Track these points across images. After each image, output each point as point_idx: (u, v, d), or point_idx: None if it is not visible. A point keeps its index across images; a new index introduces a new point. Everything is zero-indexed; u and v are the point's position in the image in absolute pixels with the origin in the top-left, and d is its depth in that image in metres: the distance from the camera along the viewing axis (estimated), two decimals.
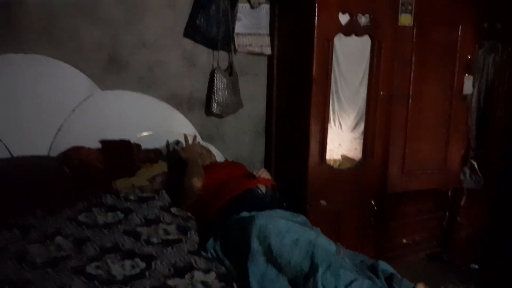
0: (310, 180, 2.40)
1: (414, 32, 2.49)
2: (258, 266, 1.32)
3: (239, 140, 2.85)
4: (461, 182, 2.78)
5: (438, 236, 2.96)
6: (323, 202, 2.46)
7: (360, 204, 2.59)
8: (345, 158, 2.70)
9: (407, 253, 2.87)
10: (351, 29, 2.34)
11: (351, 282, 1.17)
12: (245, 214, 1.62)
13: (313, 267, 1.23)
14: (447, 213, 2.88)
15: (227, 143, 2.80)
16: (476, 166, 2.71)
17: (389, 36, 2.44)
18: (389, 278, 1.34)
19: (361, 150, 2.59)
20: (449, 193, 2.85)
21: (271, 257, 1.32)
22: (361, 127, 2.64)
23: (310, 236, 1.34)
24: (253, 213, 1.59)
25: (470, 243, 2.95)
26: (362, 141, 2.61)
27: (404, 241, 2.80)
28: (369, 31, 2.39)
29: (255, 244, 1.35)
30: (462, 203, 2.81)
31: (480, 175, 2.72)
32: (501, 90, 2.82)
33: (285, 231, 1.34)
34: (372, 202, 2.61)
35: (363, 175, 2.56)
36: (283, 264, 1.29)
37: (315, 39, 2.23)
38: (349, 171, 2.56)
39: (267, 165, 2.83)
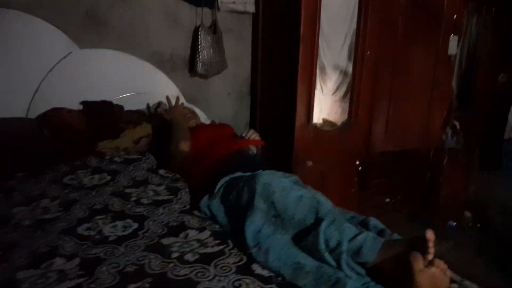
0: (297, 141, 2.41)
1: None
2: (255, 223, 1.32)
3: (224, 101, 2.80)
4: (442, 142, 2.84)
5: (418, 195, 3.06)
6: (309, 163, 2.48)
7: (344, 164, 2.63)
8: (326, 121, 2.71)
9: (389, 211, 2.96)
10: None
11: (355, 236, 1.18)
12: (239, 174, 1.60)
13: (317, 221, 1.24)
14: (428, 173, 2.96)
15: (210, 104, 2.75)
16: (458, 126, 2.77)
17: None
18: (380, 234, 1.37)
19: (341, 113, 2.60)
20: (431, 153, 2.92)
21: (273, 214, 1.32)
22: (342, 90, 2.63)
23: (313, 193, 1.34)
24: (247, 173, 1.58)
25: (449, 201, 3.06)
26: (343, 104, 2.61)
27: (387, 200, 2.88)
28: None
29: (257, 202, 1.35)
30: (444, 163, 2.89)
31: (461, 135, 2.78)
32: (483, 51, 2.85)
33: (289, 188, 1.34)
34: (357, 162, 2.65)
35: (348, 136, 2.58)
36: (286, 219, 1.29)
37: None
38: (334, 132, 2.58)
39: (252, 127, 2.80)
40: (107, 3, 2.25)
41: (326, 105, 2.71)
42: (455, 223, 3.06)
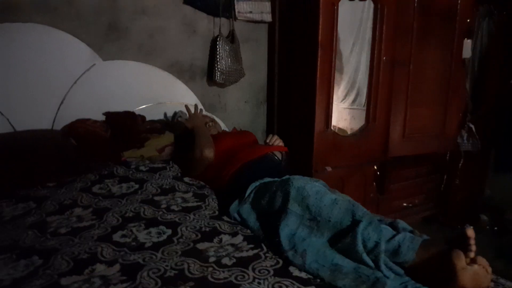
0: (316, 147, 2.43)
1: None
2: (289, 226, 1.34)
3: (241, 109, 2.83)
4: (458, 145, 2.85)
5: (435, 198, 3.07)
6: (328, 168, 2.50)
7: (363, 169, 2.65)
8: (335, 128, 2.72)
9: (406, 215, 2.97)
10: None
11: (393, 236, 1.20)
12: (268, 179, 1.62)
13: (354, 222, 1.25)
14: (445, 176, 2.97)
15: (228, 112, 2.78)
16: (473, 129, 2.78)
17: (392, 1, 2.43)
18: None
19: (350, 120, 2.63)
20: (447, 156, 2.94)
21: (308, 217, 1.34)
22: (351, 97, 2.67)
23: (345, 196, 1.36)
24: (275, 178, 1.60)
25: (465, 204, 3.06)
26: (351, 111, 2.64)
27: (405, 204, 2.89)
28: None
29: (291, 205, 1.37)
30: (460, 166, 2.90)
31: (477, 137, 2.79)
32: (495, 53, 2.88)
33: (323, 192, 1.36)
34: (375, 166, 2.66)
35: (366, 141, 2.60)
36: (322, 222, 1.30)
37: (321, 3, 2.20)
38: (353, 137, 2.60)
39: (269, 134, 2.82)
40: (128, 15, 2.30)
41: (335, 112, 2.72)
42: (471, 226, 3.05)
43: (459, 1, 2.62)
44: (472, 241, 1.08)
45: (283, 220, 1.38)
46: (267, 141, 2.02)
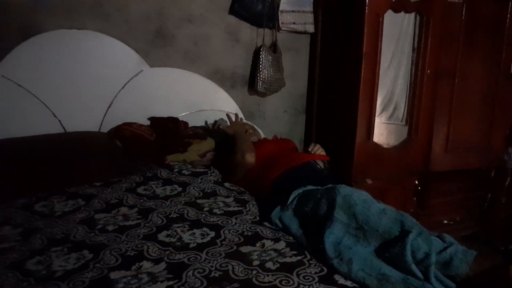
0: (356, 158, 2.40)
1: (464, 8, 2.45)
2: (335, 234, 1.33)
3: (279, 117, 2.85)
4: (505, 162, 2.75)
5: (477, 216, 2.95)
6: (368, 181, 2.46)
7: (403, 182, 2.59)
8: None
9: (446, 232, 2.85)
10: (401, 5, 2.31)
11: (444, 248, 1.16)
12: (311, 187, 1.62)
13: (403, 232, 1.23)
14: (489, 194, 2.86)
15: (267, 120, 2.80)
16: None
17: (438, 13, 2.40)
18: None
19: (387, 135, 2.58)
20: (492, 173, 2.83)
21: (354, 226, 1.32)
22: (388, 111, 2.62)
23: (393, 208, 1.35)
24: (318, 186, 1.59)
25: (510, 224, 2.93)
26: (388, 126, 2.59)
27: (445, 221, 2.79)
28: (418, 7, 2.35)
29: (337, 213, 1.36)
30: (506, 183, 2.78)
31: None
32: None
33: (370, 201, 1.35)
34: (416, 181, 2.60)
35: (407, 154, 2.55)
36: (369, 231, 1.29)
37: (366, 14, 2.20)
38: (394, 149, 2.55)
39: (307, 144, 2.82)
40: (175, 23, 2.38)
41: None
42: None
43: (508, 14, 2.54)
44: None
45: (328, 228, 1.37)
46: (309, 149, 2.01)
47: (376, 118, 2.68)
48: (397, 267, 1.21)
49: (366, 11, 2.19)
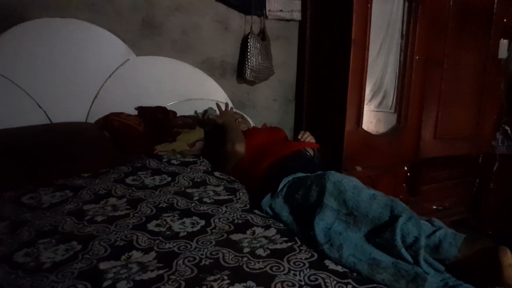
0: (346, 146, 2.40)
1: None
2: (325, 220, 1.33)
3: (269, 106, 2.83)
4: (493, 148, 2.77)
5: (466, 202, 2.99)
6: (358, 168, 2.47)
7: (393, 169, 2.60)
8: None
9: (436, 217, 2.89)
10: None
11: (433, 232, 1.17)
12: (301, 174, 1.61)
13: (393, 217, 1.23)
14: (478, 179, 2.89)
15: (257, 109, 2.79)
16: (509, 131, 2.70)
17: None
18: None
19: (376, 123, 2.59)
20: (480, 159, 2.86)
21: (345, 212, 1.32)
22: (377, 99, 2.64)
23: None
24: (309, 174, 1.59)
25: (499, 209, 2.97)
26: (378, 114, 2.60)
27: (434, 207, 2.82)
28: None
29: (327, 200, 1.35)
30: (494, 169, 2.82)
31: None
32: None
33: (361, 187, 1.35)
34: (405, 167, 2.61)
35: (397, 141, 2.56)
36: (359, 217, 1.29)
37: (354, 1, 2.18)
38: (384, 136, 2.56)
39: (297, 132, 2.81)
40: (163, 11, 2.34)
41: None
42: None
43: (495, 0, 2.55)
44: None
45: (318, 214, 1.36)
46: (299, 137, 2.00)
47: (365, 105, 2.69)
48: (387, 252, 1.21)
49: None
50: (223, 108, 2.28)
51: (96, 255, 1.24)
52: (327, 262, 1.26)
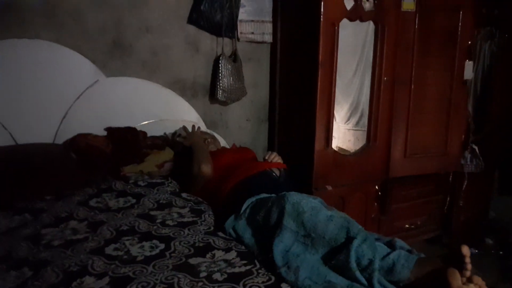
0: (316, 165, 2.42)
1: (417, 18, 2.52)
2: (284, 242, 1.33)
3: (242, 126, 2.85)
4: (462, 166, 2.82)
5: (437, 219, 3.01)
6: (328, 187, 2.48)
7: (363, 188, 2.62)
8: (340, 149, 2.71)
9: (408, 236, 2.91)
10: (356, 14, 2.35)
11: (387, 254, 1.18)
12: (264, 195, 1.61)
13: (349, 239, 1.23)
14: (448, 197, 2.93)
15: (230, 129, 2.80)
16: (477, 150, 2.76)
17: (393, 22, 2.47)
18: None
19: (355, 141, 2.63)
20: (450, 177, 2.90)
21: (303, 233, 1.32)
22: (355, 118, 2.69)
23: (342, 214, 1.35)
24: (272, 194, 1.59)
25: (469, 226, 3.01)
26: (356, 133, 2.65)
27: (407, 225, 2.84)
28: (373, 16, 2.41)
29: (286, 221, 1.35)
30: (464, 187, 2.86)
31: (480, 158, 2.76)
32: (498, 75, 2.87)
33: (319, 208, 1.35)
34: (376, 186, 2.64)
35: (367, 160, 2.59)
36: (316, 239, 1.29)
37: (322, 23, 2.24)
38: (353, 156, 2.59)
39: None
40: (132, 32, 2.35)
41: (338, 133, 2.74)
42: (476, 251, 2.99)
43: (460, 24, 2.63)
44: (468, 260, 1.06)
45: (277, 236, 1.36)
46: (266, 157, 2.01)
47: (343, 124, 2.73)
48: (343, 274, 1.21)
49: (322, 20, 2.22)
50: (190, 130, 2.28)
51: (46, 282, 1.21)
52: (283, 285, 1.26)
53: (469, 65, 2.72)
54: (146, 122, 2.43)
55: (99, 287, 1.20)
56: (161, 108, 2.48)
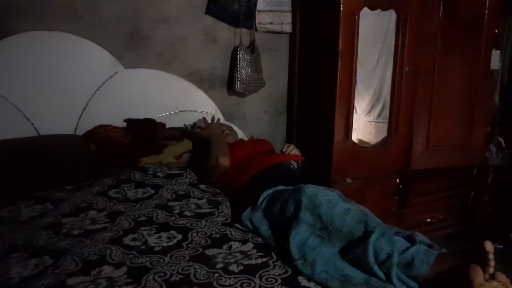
0: (335, 158, 2.38)
1: (441, 5, 2.44)
2: (300, 235, 1.31)
3: (260, 118, 2.83)
4: (486, 159, 2.74)
5: (460, 214, 2.94)
6: (348, 180, 2.44)
7: (384, 181, 2.57)
8: (360, 141, 2.67)
9: (429, 230, 2.84)
10: (377, 3, 2.29)
11: (406, 248, 1.15)
12: (281, 187, 1.60)
13: (366, 233, 1.21)
14: (472, 192, 2.84)
15: (247, 121, 2.78)
16: (503, 143, 2.66)
17: (415, 9, 2.39)
18: None
19: (376, 134, 2.57)
20: (474, 171, 2.82)
21: (320, 226, 1.31)
22: (376, 110, 2.62)
23: (360, 206, 1.33)
24: (289, 187, 1.57)
25: (493, 221, 2.92)
26: (377, 125, 2.59)
27: (428, 219, 2.78)
28: (394, 5, 2.34)
29: (303, 214, 1.34)
30: (489, 181, 2.77)
31: (506, 151, 2.67)
32: None
33: (336, 201, 1.33)
34: (397, 179, 2.59)
35: (388, 153, 2.53)
36: (333, 232, 1.27)
37: (341, 12, 2.18)
38: (374, 148, 2.53)
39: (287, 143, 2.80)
40: (150, 24, 2.35)
41: (359, 125, 2.68)
42: (501, 246, 2.90)
43: (486, 12, 2.53)
44: (491, 256, 1.02)
45: (294, 229, 1.35)
46: (283, 149, 1.99)
47: (364, 116, 2.68)
48: (360, 268, 1.19)
49: (341, 9, 2.17)
50: (209, 121, 2.28)
51: (66, 270, 1.23)
52: (300, 278, 1.25)
53: (496, 55, 2.63)
54: (164, 114, 2.44)
55: (117, 276, 1.21)
56: (179, 100, 2.48)
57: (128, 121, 2.29)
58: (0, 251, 1.32)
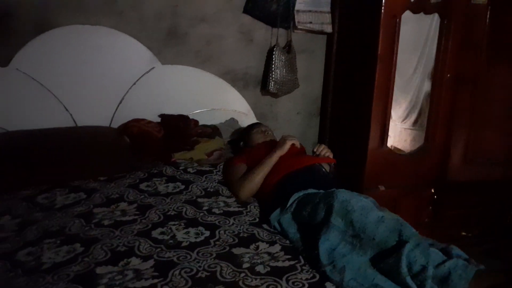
0: (369, 164, 2.32)
1: (488, 12, 2.33)
2: (330, 240, 1.28)
3: (292, 120, 2.80)
4: None
5: (497, 230, 2.80)
6: (381, 187, 2.38)
7: (418, 191, 2.49)
8: (395, 149, 2.58)
9: (463, 245, 2.72)
10: (420, 6, 2.21)
11: (443, 262, 1.09)
12: (312, 190, 1.57)
13: (400, 243, 1.16)
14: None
15: (279, 122, 2.76)
16: None
17: (460, 15, 2.29)
18: None
19: (411, 141, 2.49)
20: None
21: (351, 233, 1.27)
22: (413, 117, 2.54)
23: (394, 215, 1.28)
24: (320, 190, 1.54)
25: None
26: (413, 132, 2.50)
27: (463, 233, 2.66)
28: (439, 9, 2.26)
29: (334, 219, 1.30)
30: None
31: None
32: None
33: (369, 208, 1.29)
34: (432, 190, 2.49)
35: (423, 161, 2.45)
36: (365, 240, 1.23)
37: (382, 15, 2.13)
38: (409, 156, 2.46)
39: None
40: (188, 21, 2.37)
41: (394, 132, 2.60)
42: None
43: None
44: None
45: (324, 234, 1.31)
46: (315, 150, 1.95)
47: (400, 123, 2.60)
48: (392, 279, 1.14)
49: (382, 11, 2.11)
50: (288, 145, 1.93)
51: (95, 259, 1.25)
52: (328, 284, 1.21)
53: None
54: (198, 111, 2.45)
55: (144, 269, 1.22)
56: (212, 98, 2.49)
57: (162, 116, 2.31)
58: (34, 236, 1.36)
